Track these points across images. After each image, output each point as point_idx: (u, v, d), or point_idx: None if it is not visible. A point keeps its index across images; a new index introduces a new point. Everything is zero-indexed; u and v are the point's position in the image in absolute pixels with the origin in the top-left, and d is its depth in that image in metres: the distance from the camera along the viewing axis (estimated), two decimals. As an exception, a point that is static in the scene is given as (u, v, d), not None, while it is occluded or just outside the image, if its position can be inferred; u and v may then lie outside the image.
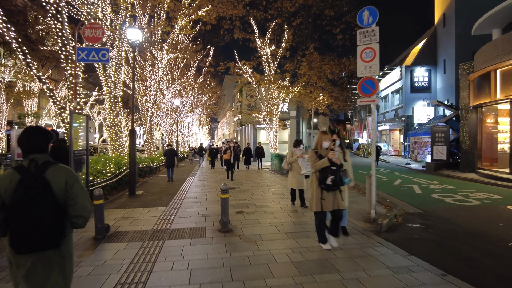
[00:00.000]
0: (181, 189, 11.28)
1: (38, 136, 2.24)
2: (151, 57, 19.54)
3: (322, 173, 4.51)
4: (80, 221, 2.22)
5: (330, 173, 4.47)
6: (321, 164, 4.50)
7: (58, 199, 2.12)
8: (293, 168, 7.84)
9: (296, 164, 7.73)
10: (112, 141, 13.85)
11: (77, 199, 2.19)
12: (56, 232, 2.10)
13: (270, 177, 14.76)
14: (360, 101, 6.93)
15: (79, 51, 8.43)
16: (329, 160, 4.44)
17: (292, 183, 7.93)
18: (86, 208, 2.23)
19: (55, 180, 2.13)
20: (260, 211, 7.54)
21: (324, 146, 4.71)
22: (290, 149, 8.00)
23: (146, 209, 7.97)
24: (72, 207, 2.18)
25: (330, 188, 4.51)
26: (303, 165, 7.51)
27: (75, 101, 8.55)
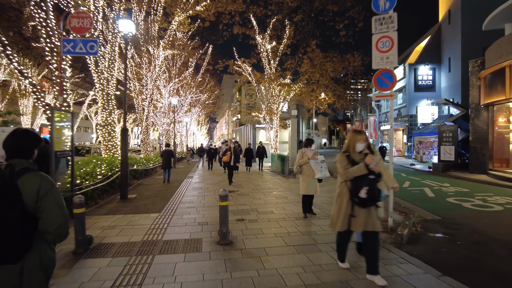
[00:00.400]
0: (177, 193, 10.55)
1: (24, 140, 2.13)
2: (148, 55, 18.80)
3: (355, 183, 3.60)
4: (48, 237, 2.01)
5: (365, 183, 3.53)
6: (356, 171, 3.58)
7: (28, 209, 1.93)
8: (304, 171, 6.84)
9: (308, 167, 6.76)
10: (105, 141, 13.11)
11: (44, 212, 1.97)
12: (16, 245, 1.87)
13: (272, 179, 14.03)
14: (375, 95, 6.22)
15: (64, 42, 7.69)
16: (366, 167, 3.54)
17: (304, 188, 6.83)
18: (54, 223, 1.99)
19: (27, 188, 1.95)
20: (263, 219, 6.81)
21: (358, 148, 3.78)
22: (301, 150, 7.02)
23: (137, 215, 7.23)
24: (40, 220, 1.98)
25: (364, 203, 3.57)
26: (316, 167, 6.63)
27: (60, 97, 7.81)
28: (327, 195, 9.71)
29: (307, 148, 6.87)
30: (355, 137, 3.79)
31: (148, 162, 16.35)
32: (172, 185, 12.61)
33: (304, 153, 6.86)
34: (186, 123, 37.31)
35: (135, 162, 14.23)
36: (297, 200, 8.88)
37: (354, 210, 3.66)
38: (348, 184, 3.72)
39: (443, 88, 25.93)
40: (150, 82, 18.63)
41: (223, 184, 12.68)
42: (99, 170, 9.89)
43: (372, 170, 3.55)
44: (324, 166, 6.65)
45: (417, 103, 26.77)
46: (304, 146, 6.97)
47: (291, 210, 7.62)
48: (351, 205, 3.69)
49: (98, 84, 12.94)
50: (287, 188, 11.32)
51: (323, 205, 8.17)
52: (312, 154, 6.76)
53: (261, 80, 21.03)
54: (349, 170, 3.64)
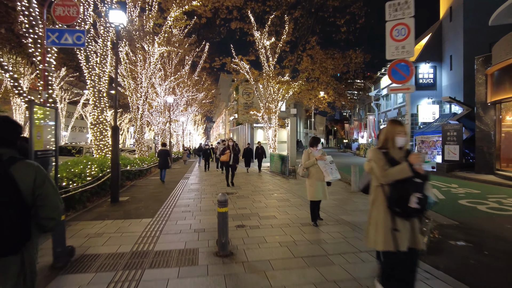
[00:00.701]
0: (172, 195, 9.94)
1: (7, 128, 2.08)
2: (143, 52, 18.17)
3: (397, 189, 2.79)
4: (50, 224, 2.01)
5: (413, 189, 2.73)
6: (398, 173, 2.77)
7: (25, 199, 1.92)
8: (311, 174, 6.06)
9: (315, 169, 6.03)
10: (97, 140, 12.49)
11: (47, 199, 1.99)
12: (17, 237, 1.87)
13: (271, 180, 13.45)
14: (390, 89, 5.64)
15: (48, 32, 7.07)
16: (410, 168, 2.75)
17: (312, 193, 6.04)
18: (57, 208, 2.04)
19: (22, 177, 1.93)
20: (266, 225, 6.22)
21: (399, 143, 2.97)
22: (306, 150, 6.28)
23: (128, 221, 6.62)
24: (41, 208, 1.97)
25: (410, 213, 2.79)
26: (326, 169, 5.93)
27: (44, 92, 7.19)
28: (332, 197, 9.14)
29: (313, 148, 6.18)
30: (395, 128, 2.99)
31: (142, 163, 15.71)
32: (167, 186, 12.01)
33: (311, 154, 6.14)
34: (183, 122, 36.65)
35: (129, 162, 13.62)
36: (300, 203, 8.32)
37: (397, 222, 2.87)
38: (385, 190, 2.89)
39: (444, 87, 25.46)
40: (145, 80, 18.00)
41: (220, 185, 12.09)
42: (88, 171, 9.28)
43: (418, 172, 2.78)
44: (333, 167, 6.01)
45: (418, 102, 26.27)
46: (310, 145, 6.29)
47: (295, 215, 7.04)
48: (391, 216, 2.87)
49: (89, 81, 12.33)
50: (288, 189, 10.74)
51: (329, 208, 7.60)
52: (320, 154, 6.09)
53: (259, 78, 20.48)
54: (390, 171, 2.83)
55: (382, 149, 3.03)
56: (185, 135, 45.17)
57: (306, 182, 6.29)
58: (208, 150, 19.27)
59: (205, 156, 19.23)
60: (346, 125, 57.35)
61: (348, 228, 5.92)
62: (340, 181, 12.80)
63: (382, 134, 3.08)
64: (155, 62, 17.82)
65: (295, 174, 15.12)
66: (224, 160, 11.85)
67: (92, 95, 12.37)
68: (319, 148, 6.22)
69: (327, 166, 5.96)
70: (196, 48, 25.97)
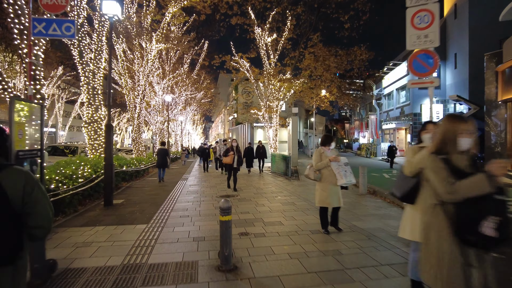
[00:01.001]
0: (170, 197, 9.38)
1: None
2: (140, 49, 17.60)
3: (469, 209, 2.04)
4: (40, 233, 1.92)
5: (490, 210, 2.00)
6: (472, 187, 2.02)
7: (15, 207, 1.80)
8: (323, 177, 5.39)
9: (328, 172, 5.38)
10: (91, 139, 11.93)
11: (37, 207, 1.88)
12: (10, 247, 1.78)
13: (274, 181, 12.90)
14: (411, 83, 5.10)
15: (35, 22, 6.50)
16: (490, 181, 1.98)
17: (323, 199, 5.40)
18: (47, 216, 1.92)
19: (11, 185, 1.81)
20: (272, 232, 5.67)
21: (463, 145, 2.22)
22: (317, 150, 5.61)
23: (120, 227, 6.06)
24: (30, 216, 1.87)
25: (489, 243, 2.04)
26: (339, 172, 5.30)
27: (30, 87, 6.62)
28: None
29: (325, 147, 5.56)
30: (457, 126, 2.25)
31: (139, 163, 15.16)
32: (165, 188, 11.46)
33: (323, 154, 5.47)
34: (181, 122, 36.06)
35: (125, 162, 13.05)
36: (307, 207, 7.77)
37: (469, 255, 2.11)
38: (449, 210, 2.12)
39: (449, 86, 24.95)
40: (142, 78, 17.43)
41: (220, 187, 11.53)
42: (81, 172, 8.72)
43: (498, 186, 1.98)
44: (348, 169, 5.42)
45: (421, 101, 25.77)
46: (322, 144, 5.66)
47: (302, 220, 6.49)
48: (459, 247, 2.09)
49: (83, 77, 11.78)
50: (292, 192, 10.19)
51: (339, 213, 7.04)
52: (334, 155, 5.47)
53: (260, 77, 19.94)
54: (460, 186, 2.04)
55: (440, 154, 2.26)
56: (184, 134, 44.58)
57: (316, 186, 5.60)
58: (207, 150, 18.52)
59: (204, 156, 18.44)
60: (346, 124, 56.81)
61: (362, 236, 5.37)
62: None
63: (438, 134, 2.35)
64: (153, 59, 17.26)
65: (298, 175, 14.58)
66: (227, 163, 10.78)
67: (86, 92, 11.82)
68: (332, 148, 5.59)
69: (341, 168, 5.35)
70: (195, 46, 25.41)
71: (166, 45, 17.86)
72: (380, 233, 5.57)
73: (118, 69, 17.66)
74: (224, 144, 15.83)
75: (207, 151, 18.23)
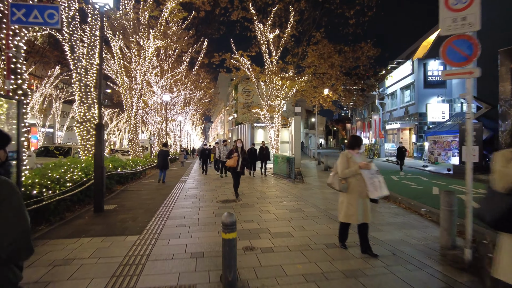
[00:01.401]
0: (166, 203, 8.67)
1: None
2: (137, 46, 16.90)
3: None
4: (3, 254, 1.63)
5: None
6: None
7: None
8: (350, 188, 4.47)
9: (357, 181, 4.45)
10: (83, 140, 11.24)
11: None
12: None
13: (277, 184, 12.19)
14: (445, 74, 4.37)
15: (13, 8, 5.81)
16: None
17: (349, 214, 4.47)
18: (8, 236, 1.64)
19: None
20: (281, 246, 4.96)
21: None
22: (344, 153, 4.66)
23: (109, 239, 5.35)
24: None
25: None
26: (372, 181, 4.37)
27: (8, 81, 5.92)
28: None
29: (353, 151, 4.62)
30: None
31: (136, 164, 14.44)
32: (162, 191, 10.75)
33: (351, 159, 4.53)
34: (180, 122, 35.33)
35: (119, 164, 12.34)
36: (316, 214, 7.06)
37: None
38: None
39: (455, 84, 24.28)
40: (139, 76, 16.73)
41: (221, 190, 10.83)
42: (70, 175, 8.02)
43: None
44: (381, 179, 4.49)
45: (427, 100, 25.09)
46: (349, 147, 4.69)
47: (314, 231, 5.78)
48: None
49: (75, 74, 11.10)
50: (298, 196, 9.48)
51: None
52: (367, 161, 4.53)
53: (261, 75, 19.27)
54: None
55: None
56: (183, 135, 43.87)
57: (341, 198, 4.65)
58: (206, 151, 17.60)
59: (203, 158, 17.47)
60: (348, 125, 56.12)
61: (386, 252, 4.67)
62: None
63: None
64: (150, 56, 16.54)
65: (302, 178, 13.88)
66: (231, 166, 9.25)
67: (78, 89, 11.12)
68: (361, 151, 4.68)
69: (375, 178, 4.43)
70: (194, 44, 24.74)
71: (164, 42, 17.15)
72: (405, 247, 4.86)
73: (115, 67, 16.95)
74: (224, 145, 15.06)
75: (206, 152, 17.34)
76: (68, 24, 10.61)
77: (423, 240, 5.25)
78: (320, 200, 8.84)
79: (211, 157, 18.11)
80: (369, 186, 4.38)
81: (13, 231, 1.67)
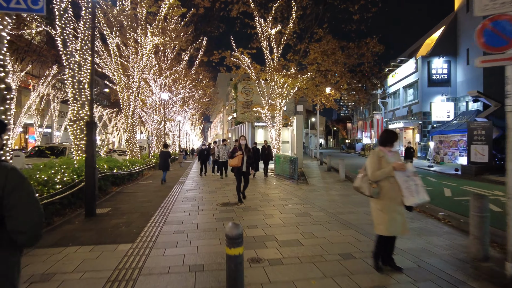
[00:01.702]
0: (163, 205, 8.12)
1: None
2: (134, 43, 16.36)
3: None
4: (20, 238, 1.72)
5: None
6: None
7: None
8: (383, 192, 3.72)
9: (391, 185, 3.70)
10: (76, 139, 10.71)
11: (15, 210, 1.69)
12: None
13: (280, 186, 11.64)
14: (481, 61, 3.83)
15: (-7, -7, 5.25)
16: None
17: (385, 224, 3.71)
18: (29, 222, 1.72)
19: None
20: (290, 257, 4.40)
21: None
22: (374, 152, 3.89)
23: (98, 248, 4.81)
24: (9, 219, 1.70)
25: None
26: (408, 185, 3.65)
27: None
28: (362, 209, 7.36)
29: (385, 148, 3.86)
30: None
31: (133, 165, 13.88)
32: (159, 193, 10.21)
33: (383, 158, 3.76)
34: (179, 121, 34.77)
35: (115, 165, 11.78)
36: (326, 219, 6.52)
37: None
38: None
39: (460, 83, 23.75)
40: (136, 74, 16.18)
41: (221, 192, 10.28)
42: (60, 176, 7.48)
43: None
44: (419, 182, 3.71)
45: (431, 99, 24.55)
46: (381, 144, 3.95)
47: (325, 238, 5.24)
48: None
49: (68, 70, 10.58)
50: (303, 198, 8.93)
51: (370, 228, 5.80)
52: (398, 159, 3.82)
53: (261, 73, 18.75)
54: None
55: None
56: (182, 135, 43.31)
57: (372, 205, 3.89)
58: (205, 151, 16.72)
59: (202, 158, 16.50)
60: (348, 124, 55.59)
61: (410, 263, 4.12)
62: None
63: None
64: (148, 53, 16.00)
65: (306, 178, 13.34)
66: (235, 166, 8.36)
67: (71, 86, 10.58)
68: (395, 149, 3.92)
69: (411, 181, 3.67)
70: (193, 42, 24.25)
71: (162, 39, 16.60)
72: (430, 258, 4.32)
73: (112, 65, 16.37)
74: (224, 144, 14.44)
75: (205, 152, 16.60)
76: (60, 17, 10.07)
77: (447, 249, 4.71)
78: (328, 202, 8.30)
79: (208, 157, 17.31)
80: (405, 190, 3.65)
81: (33, 215, 1.73)
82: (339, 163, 13.45)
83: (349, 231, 5.62)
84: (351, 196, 9.28)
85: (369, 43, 14.88)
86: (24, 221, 1.70)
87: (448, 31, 24.70)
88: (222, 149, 13.90)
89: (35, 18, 15.55)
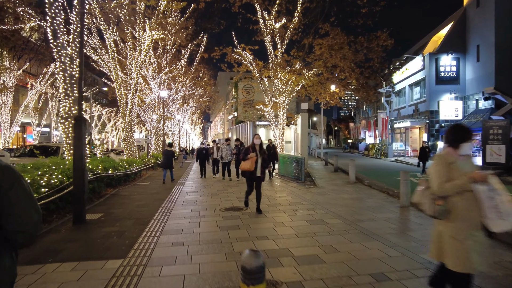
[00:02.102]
0: (161, 210, 7.37)
1: None
2: (132, 39, 15.63)
3: None
4: (20, 238, 1.62)
5: None
6: None
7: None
8: (456, 213, 2.59)
9: (466, 202, 2.57)
10: (68, 138, 9.93)
11: (14, 208, 1.58)
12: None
13: (286, 188, 10.88)
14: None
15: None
16: None
17: (463, 258, 2.53)
18: (29, 220, 1.63)
19: None
20: (313, 279, 3.64)
21: None
22: (440, 156, 2.74)
23: (82, 266, 4.05)
24: (7, 219, 1.58)
25: None
26: (494, 205, 2.47)
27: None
28: (377, 215, 6.60)
29: (455, 151, 2.71)
30: None
31: (130, 165, 13.13)
32: (157, 196, 9.48)
33: (453, 165, 2.64)
34: (179, 120, 34.03)
35: (111, 165, 11.04)
36: (344, 228, 5.76)
37: None
38: None
39: (469, 80, 22.99)
40: (134, 71, 15.44)
41: (223, 195, 9.51)
42: (46, 178, 6.75)
43: None
44: (505, 198, 2.49)
45: (439, 97, 23.79)
46: (448, 142, 2.77)
47: (349, 253, 4.47)
48: None
49: (59, 63, 9.84)
50: (314, 203, 8.17)
51: (388, 236, 5.05)
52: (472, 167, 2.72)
53: (264, 70, 18.03)
54: None
55: None
56: (182, 134, 42.57)
57: (441, 229, 2.69)
58: (204, 151, 15.01)
59: (201, 159, 14.95)
60: (351, 124, 54.77)
61: None
62: (373, 189, 10.27)
63: None
64: (146, 49, 15.25)
65: (313, 180, 12.59)
66: (247, 170, 7.06)
67: (63, 81, 9.83)
68: (465, 153, 2.72)
69: (496, 196, 2.50)
70: (193, 39, 23.53)
71: (161, 33, 15.84)
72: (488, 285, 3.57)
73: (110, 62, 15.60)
74: (227, 144, 13.50)
75: (204, 152, 14.99)
76: (50, 5, 9.32)
77: (502, 269, 3.96)
78: (342, 208, 7.54)
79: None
80: (488, 211, 2.51)
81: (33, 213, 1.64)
82: (349, 164, 12.68)
83: (374, 243, 4.87)
84: (365, 200, 8.54)
85: (380, 37, 14.14)
86: (24, 219, 1.63)
87: (457, 27, 23.95)
88: (226, 149, 13.05)
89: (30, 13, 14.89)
